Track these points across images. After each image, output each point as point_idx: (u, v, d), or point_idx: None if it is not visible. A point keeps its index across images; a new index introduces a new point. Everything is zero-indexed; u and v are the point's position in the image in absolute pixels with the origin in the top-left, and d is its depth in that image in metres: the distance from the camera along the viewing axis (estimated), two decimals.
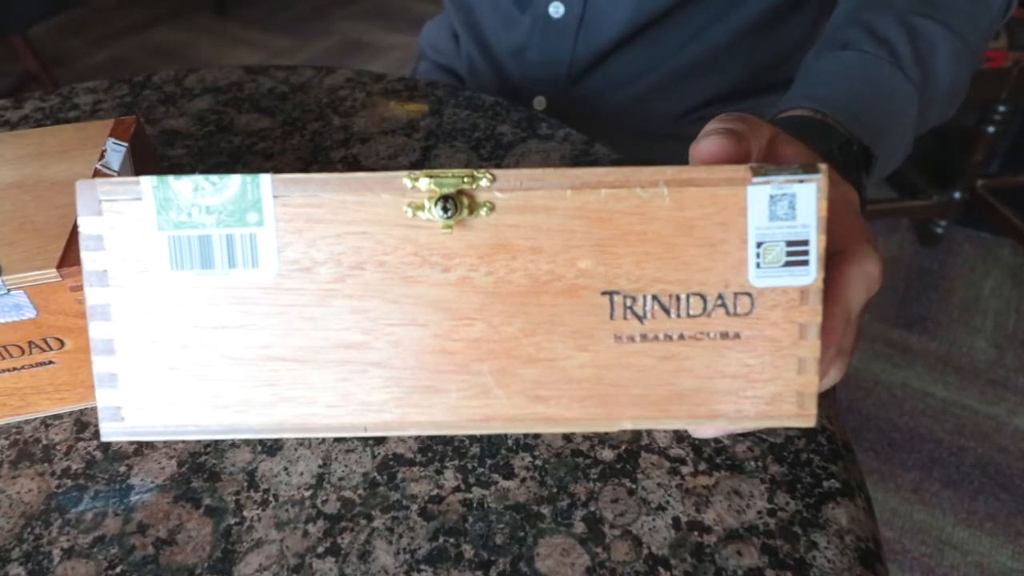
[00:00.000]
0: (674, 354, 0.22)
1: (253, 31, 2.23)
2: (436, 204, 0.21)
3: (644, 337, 0.22)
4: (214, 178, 0.21)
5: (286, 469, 0.31)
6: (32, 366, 0.29)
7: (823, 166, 0.21)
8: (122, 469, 0.31)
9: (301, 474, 0.31)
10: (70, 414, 0.32)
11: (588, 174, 0.21)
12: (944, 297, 1.27)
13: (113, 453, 0.31)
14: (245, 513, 0.29)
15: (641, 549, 0.28)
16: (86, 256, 0.21)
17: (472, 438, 0.32)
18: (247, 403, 0.22)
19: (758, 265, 0.21)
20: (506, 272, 0.22)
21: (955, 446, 1.05)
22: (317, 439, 0.32)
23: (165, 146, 0.50)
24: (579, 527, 0.29)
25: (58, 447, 0.31)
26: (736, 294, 0.21)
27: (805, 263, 0.21)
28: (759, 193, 0.21)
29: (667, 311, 0.22)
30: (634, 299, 0.22)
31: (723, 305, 0.22)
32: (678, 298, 0.22)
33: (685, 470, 0.31)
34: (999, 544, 0.93)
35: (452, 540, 0.28)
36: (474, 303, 0.22)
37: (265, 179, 0.21)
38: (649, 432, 0.32)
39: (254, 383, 0.22)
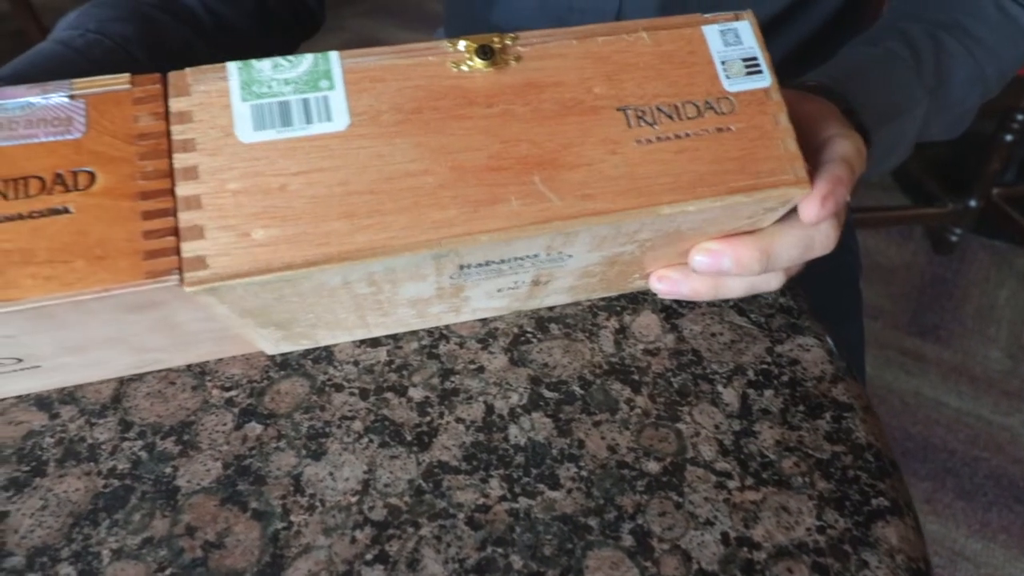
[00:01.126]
0: (686, 148, 0.27)
1: None
2: (476, 53, 0.27)
3: (659, 139, 0.27)
4: (290, 57, 0.26)
5: (331, 474, 0.31)
6: (39, 214, 0.24)
7: (748, 11, 0.29)
8: (168, 470, 0.31)
9: (347, 479, 0.31)
10: (116, 407, 0.32)
11: (585, 29, 0.28)
12: (958, 306, 1.27)
13: (159, 454, 0.31)
14: (292, 518, 0.29)
15: (691, 564, 0.28)
16: (175, 128, 0.25)
17: (516, 446, 0.32)
18: (328, 235, 0.24)
19: (727, 77, 0.28)
20: (538, 103, 0.27)
21: (968, 457, 1.05)
22: (362, 444, 0.32)
23: None
24: (627, 540, 0.29)
25: (103, 446, 0.31)
26: (718, 99, 0.28)
27: (760, 71, 0.28)
28: (712, 30, 0.29)
29: (670, 116, 0.27)
30: (643, 111, 0.27)
31: (712, 108, 0.28)
32: (676, 106, 0.27)
33: (732, 484, 0.31)
34: (1013, 557, 0.93)
35: (500, 550, 0.28)
36: (517, 129, 0.26)
37: (333, 54, 0.26)
38: (695, 445, 0.32)
39: (334, 216, 0.24)
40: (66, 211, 0.24)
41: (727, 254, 0.31)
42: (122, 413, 0.33)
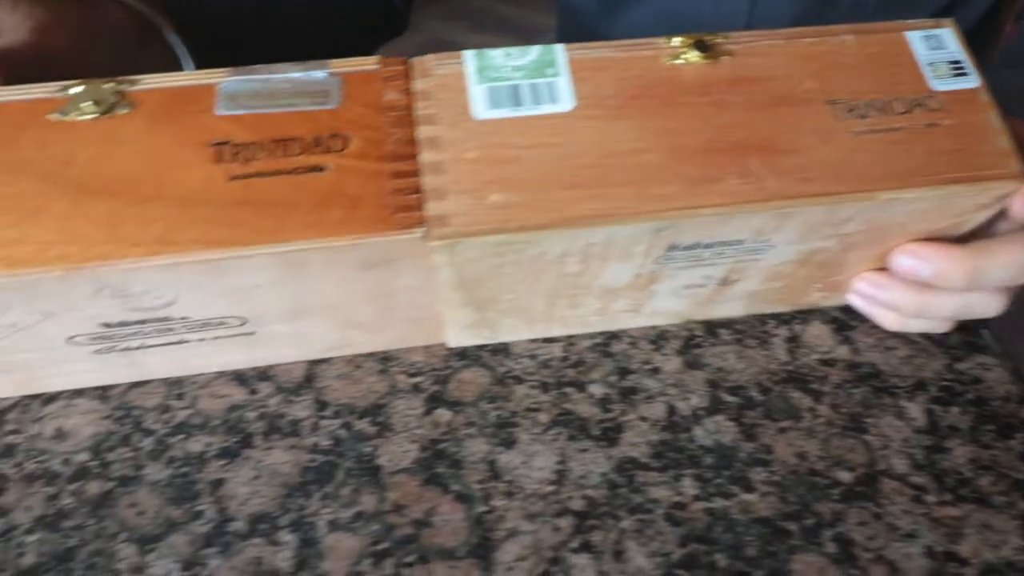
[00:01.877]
0: (899, 140, 0.27)
1: None
2: (692, 47, 0.29)
3: (872, 131, 0.28)
4: (519, 48, 0.29)
5: (525, 463, 0.31)
6: (301, 170, 0.26)
7: (949, 20, 0.30)
8: (367, 449, 0.32)
9: (541, 469, 0.31)
10: (309, 387, 0.34)
11: (791, 31, 0.30)
12: None
13: (356, 433, 0.32)
14: (493, 503, 0.30)
15: None
16: (419, 104, 0.27)
17: (704, 447, 0.32)
18: (558, 202, 0.26)
19: (935, 77, 0.29)
20: (750, 94, 0.28)
21: None
22: (550, 436, 0.32)
23: None
24: (830, 547, 0.29)
25: (304, 423, 0.32)
26: (926, 97, 0.28)
27: (966, 74, 0.29)
28: (915, 35, 0.30)
29: (881, 111, 0.28)
30: (853, 105, 0.28)
31: (920, 105, 0.28)
32: (885, 102, 0.28)
33: (930, 499, 0.30)
34: None
35: (703, 547, 0.29)
36: (731, 116, 0.28)
37: (558, 46, 0.29)
38: (885, 457, 0.32)
39: (563, 186, 0.26)
40: (323, 169, 0.26)
41: (931, 260, 0.30)
42: (316, 392, 0.34)
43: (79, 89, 0.27)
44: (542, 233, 0.26)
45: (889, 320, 0.34)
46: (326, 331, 0.32)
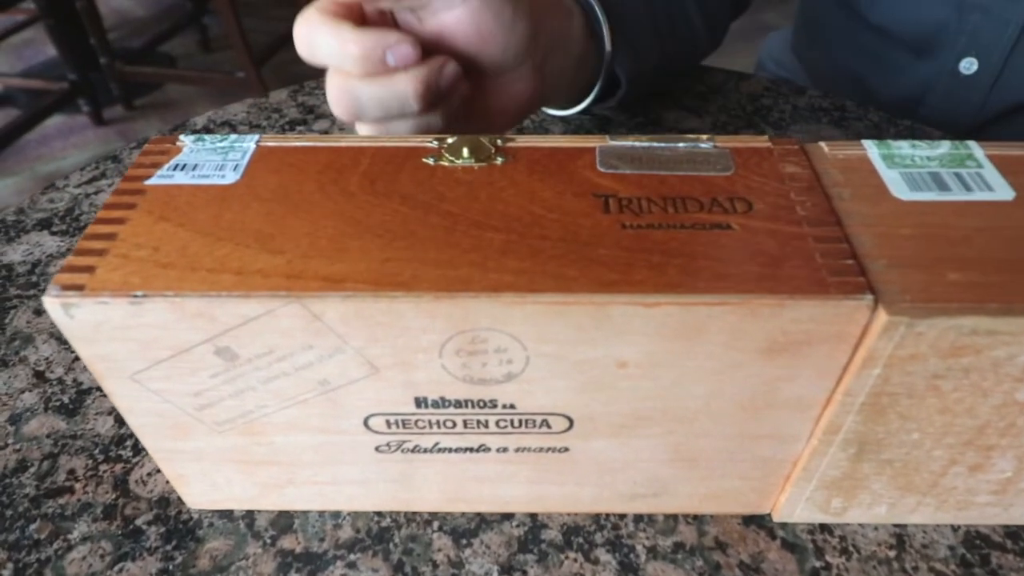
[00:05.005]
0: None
1: None
2: None
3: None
4: (923, 143, 0.27)
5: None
6: (701, 226, 0.23)
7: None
8: None
9: (876, 529, 0.29)
10: None
11: None
12: None
13: None
14: (828, 558, 0.29)
15: None
16: (827, 178, 0.26)
17: None
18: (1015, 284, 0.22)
19: None
20: None
21: None
22: None
23: None
24: None
25: None
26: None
27: None
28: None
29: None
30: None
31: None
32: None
33: None
34: None
35: None
36: None
37: (971, 143, 0.27)
38: None
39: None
40: (729, 227, 0.23)
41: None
42: None
43: (454, 139, 0.27)
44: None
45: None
46: (651, 461, 0.27)
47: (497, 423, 0.25)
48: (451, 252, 0.22)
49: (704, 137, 0.27)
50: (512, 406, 0.25)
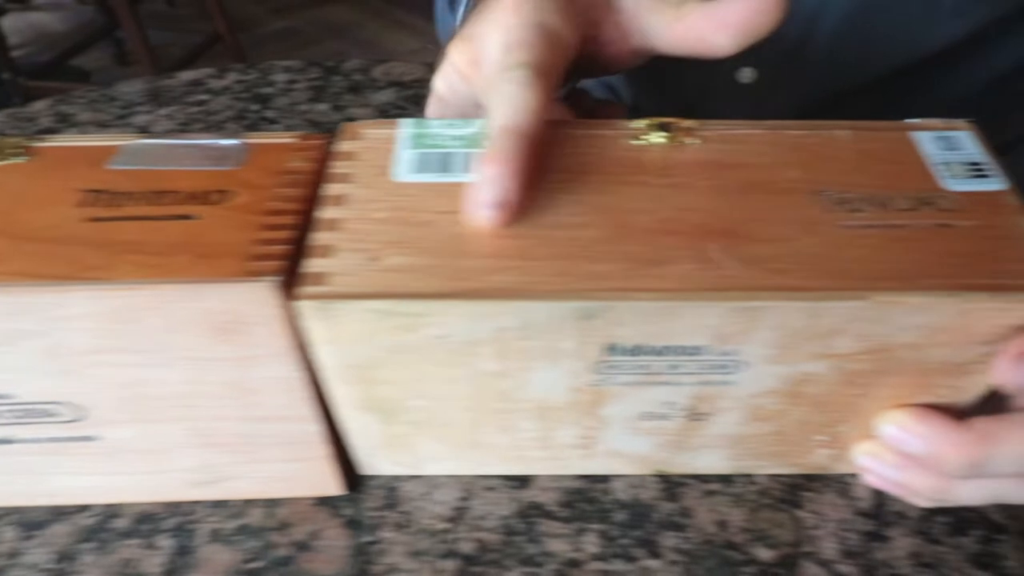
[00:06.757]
0: (902, 238, 0.24)
1: (417, 17, 2.30)
2: (655, 129, 0.27)
3: (868, 225, 0.24)
4: (460, 120, 0.28)
5: (427, 494, 0.30)
6: (165, 217, 0.24)
7: (963, 122, 0.28)
8: None
9: (442, 503, 0.30)
10: None
11: (773, 123, 0.27)
12: None
13: None
14: (381, 533, 0.29)
15: None
16: (337, 163, 0.26)
17: (619, 503, 0.30)
18: (465, 270, 0.22)
19: (949, 177, 0.26)
20: (721, 179, 0.25)
21: None
22: (463, 475, 0.31)
23: None
24: None
25: None
26: (937, 196, 0.25)
27: (987, 175, 0.26)
28: (924, 136, 0.27)
29: (881, 206, 0.24)
30: (845, 197, 0.25)
31: (928, 204, 0.25)
32: (886, 197, 0.25)
33: None
34: None
35: None
36: (695, 198, 0.25)
37: None
38: (813, 540, 0.29)
39: (477, 254, 0.23)
40: (190, 217, 0.24)
41: (922, 436, 0.25)
42: None
43: None
44: (438, 303, 0.22)
45: (918, 501, 0.29)
46: (183, 452, 0.27)
47: None
48: None
49: (233, 134, 0.28)
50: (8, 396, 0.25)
